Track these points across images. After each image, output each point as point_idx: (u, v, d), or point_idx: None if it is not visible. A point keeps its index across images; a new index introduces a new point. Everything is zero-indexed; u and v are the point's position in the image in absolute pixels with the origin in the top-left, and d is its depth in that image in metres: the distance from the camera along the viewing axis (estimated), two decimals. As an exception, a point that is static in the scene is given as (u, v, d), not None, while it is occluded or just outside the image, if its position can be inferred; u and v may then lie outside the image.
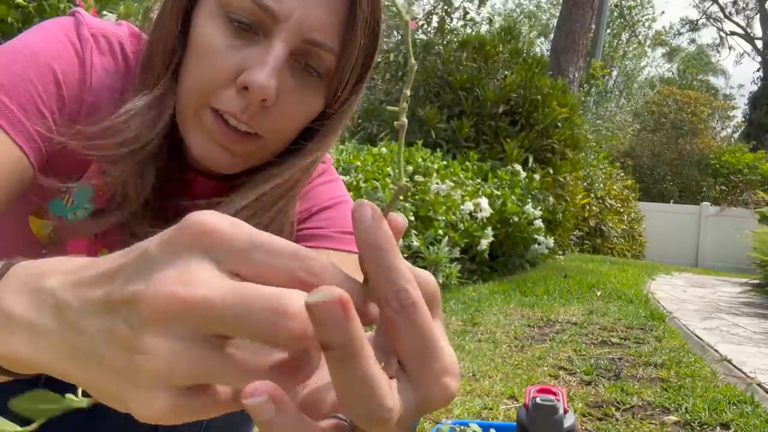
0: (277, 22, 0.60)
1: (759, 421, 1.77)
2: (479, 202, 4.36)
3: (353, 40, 0.63)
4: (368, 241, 0.28)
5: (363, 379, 0.25)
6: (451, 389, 0.29)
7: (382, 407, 0.26)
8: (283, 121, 0.64)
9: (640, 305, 3.87)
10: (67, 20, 0.66)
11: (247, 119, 0.61)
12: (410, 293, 0.28)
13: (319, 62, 0.63)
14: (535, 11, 27.27)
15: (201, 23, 0.62)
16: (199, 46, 0.61)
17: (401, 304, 0.28)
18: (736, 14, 25.54)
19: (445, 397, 0.29)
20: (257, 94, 0.59)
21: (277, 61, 0.59)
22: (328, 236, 0.76)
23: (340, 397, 0.26)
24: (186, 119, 0.64)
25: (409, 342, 0.28)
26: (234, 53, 0.60)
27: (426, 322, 0.28)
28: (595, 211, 8.70)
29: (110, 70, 0.67)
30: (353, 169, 3.53)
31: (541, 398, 1.22)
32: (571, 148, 6.54)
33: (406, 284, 0.28)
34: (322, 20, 0.61)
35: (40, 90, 0.60)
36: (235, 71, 0.60)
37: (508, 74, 6.35)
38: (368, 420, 0.26)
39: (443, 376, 0.29)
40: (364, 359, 0.25)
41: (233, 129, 0.62)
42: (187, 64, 0.63)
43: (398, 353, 0.29)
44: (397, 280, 0.28)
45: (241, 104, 0.61)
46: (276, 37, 0.60)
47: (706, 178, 14.51)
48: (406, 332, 0.28)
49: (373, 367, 0.26)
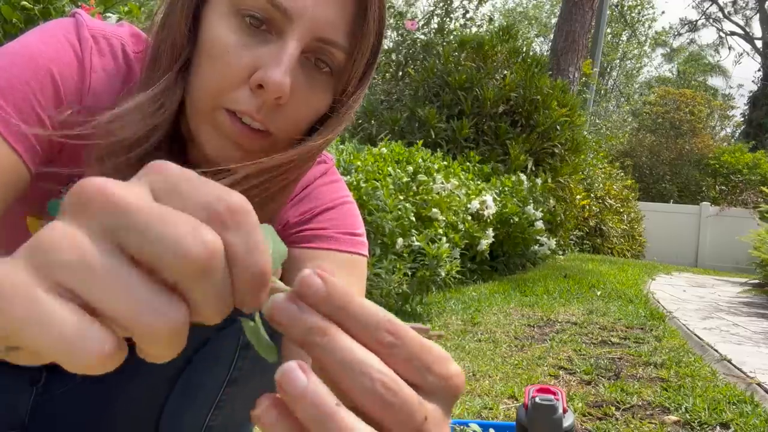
0: (290, 21, 0.60)
1: (759, 420, 1.77)
2: (485, 200, 4.36)
3: (364, 38, 0.64)
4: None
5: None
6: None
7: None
8: (294, 118, 0.65)
9: (640, 305, 3.87)
10: (67, 21, 0.66)
11: (262, 117, 0.62)
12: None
13: (329, 60, 0.64)
14: (534, 11, 27.27)
15: (212, 23, 0.62)
16: (212, 46, 0.61)
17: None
18: (735, 14, 25.56)
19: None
20: (273, 92, 0.60)
21: (291, 59, 0.60)
22: (330, 237, 0.76)
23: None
24: (198, 118, 0.64)
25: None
26: (247, 52, 0.61)
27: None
28: (594, 211, 8.70)
29: (110, 71, 0.67)
30: (353, 169, 3.53)
31: (540, 398, 1.22)
32: (572, 151, 6.54)
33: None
34: (333, 18, 0.62)
35: (37, 92, 0.60)
36: (249, 70, 0.61)
37: (507, 74, 6.35)
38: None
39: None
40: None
41: (247, 127, 0.62)
42: (198, 64, 0.63)
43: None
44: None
45: (256, 103, 0.61)
46: (289, 36, 0.60)
47: (705, 177, 14.50)
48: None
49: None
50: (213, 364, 0.83)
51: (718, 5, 25.62)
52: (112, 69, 0.67)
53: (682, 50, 28.24)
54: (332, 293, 0.27)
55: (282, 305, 0.27)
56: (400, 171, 3.84)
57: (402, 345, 0.27)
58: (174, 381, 0.84)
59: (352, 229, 0.77)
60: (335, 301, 0.27)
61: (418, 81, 6.40)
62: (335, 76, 0.66)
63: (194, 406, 0.84)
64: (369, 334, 0.27)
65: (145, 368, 0.83)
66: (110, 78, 0.66)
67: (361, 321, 0.27)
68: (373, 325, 0.27)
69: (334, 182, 0.82)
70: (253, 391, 0.87)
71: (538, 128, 6.18)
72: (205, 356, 0.83)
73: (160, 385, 0.84)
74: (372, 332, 0.27)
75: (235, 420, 0.88)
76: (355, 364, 0.26)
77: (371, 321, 0.27)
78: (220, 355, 0.82)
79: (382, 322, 0.27)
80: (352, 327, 0.27)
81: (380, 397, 0.26)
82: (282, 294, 0.28)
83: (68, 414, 0.85)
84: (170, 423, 0.85)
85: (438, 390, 0.28)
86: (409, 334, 0.28)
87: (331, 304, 0.27)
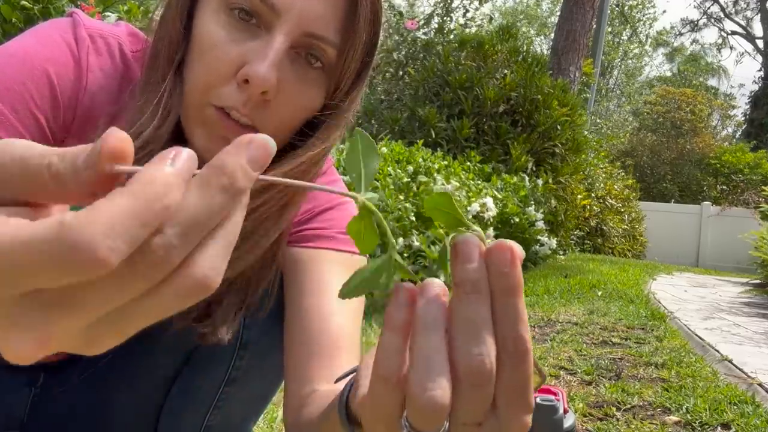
0: (278, 15, 0.60)
1: (760, 421, 1.77)
2: (485, 202, 4.35)
3: (354, 34, 0.63)
4: (502, 285, 0.31)
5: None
6: (528, 426, 0.32)
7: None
8: (282, 113, 0.64)
9: (640, 305, 3.86)
10: (63, 21, 0.66)
11: (248, 112, 0.62)
12: (526, 341, 0.31)
13: (320, 55, 0.64)
14: (533, 9, 27.24)
15: (203, 19, 0.62)
16: (202, 41, 0.61)
17: (516, 349, 0.31)
18: (737, 14, 25.53)
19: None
20: (258, 86, 0.59)
21: (277, 53, 0.60)
22: (330, 237, 0.77)
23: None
24: (189, 116, 0.64)
25: (509, 382, 0.31)
26: (235, 47, 0.60)
27: (529, 370, 0.31)
28: (595, 211, 8.69)
29: (108, 70, 0.66)
30: (353, 169, 3.53)
31: (541, 398, 1.22)
32: (573, 151, 6.53)
33: (525, 332, 0.31)
34: (323, 13, 0.61)
35: (33, 93, 0.60)
36: (237, 65, 0.60)
37: (508, 73, 6.34)
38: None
39: (525, 415, 0.32)
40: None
41: (235, 122, 0.62)
42: (190, 60, 0.63)
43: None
44: (519, 327, 0.31)
45: (242, 97, 0.61)
46: (277, 30, 0.60)
47: (706, 177, 14.48)
48: (510, 374, 0.31)
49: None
50: (211, 363, 0.82)
51: (719, 5, 25.61)
52: (109, 68, 0.67)
53: (682, 50, 28.23)
54: (513, 274, 0.30)
55: (471, 244, 0.30)
56: (400, 171, 3.84)
57: (515, 364, 0.31)
58: (172, 381, 0.83)
59: None
60: (509, 281, 0.30)
61: (419, 80, 6.40)
62: (327, 74, 0.65)
63: (193, 405, 0.84)
64: (506, 329, 0.30)
65: (143, 368, 0.82)
66: (107, 77, 0.66)
67: (510, 315, 0.30)
68: (514, 328, 0.30)
69: (333, 182, 0.82)
70: (251, 391, 0.87)
71: (539, 128, 6.17)
72: (203, 356, 0.82)
73: (158, 385, 0.84)
74: (508, 330, 0.30)
75: (234, 420, 0.88)
76: (477, 332, 0.29)
77: (515, 323, 0.30)
78: (218, 354, 0.81)
79: (520, 335, 0.31)
80: (500, 312, 0.30)
81: (470, 370, 0.29)
82: (474, 235, 0.31)
83: (66, 414, 0.84)
84: (169, 423, 0.85)
85: (501, 425, 0.31)
86: (528, 362, 0.31)
87: (504, 280, 0.30)
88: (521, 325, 0.31)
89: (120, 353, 0.82)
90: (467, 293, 0.30)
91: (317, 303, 0.72)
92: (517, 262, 0.30)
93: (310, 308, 0.72)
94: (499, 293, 0.31)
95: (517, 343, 0.31)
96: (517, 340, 0.31)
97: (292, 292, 0.75)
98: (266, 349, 0.82)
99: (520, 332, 0.31)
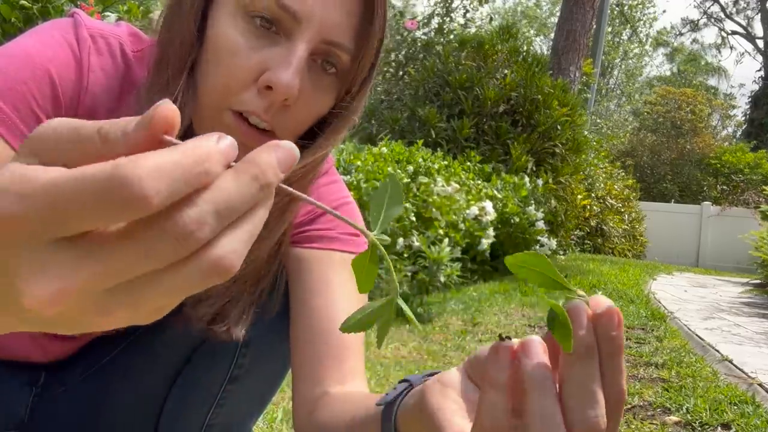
0: (299, 23, 0.61)
1: (760, 421, 1.77)
2: (484, 206, 4.35)
3: (369, 40, 0.65)
4: (610, 347, 0.35)
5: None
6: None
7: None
8: (299, 119, 0.66)
9: (641, 305, 3.87)
10: (65, 21, 0.66)
11: (269, 118, 0.63)
12: (625, 392, 0.35)
13: (336, 62, 0.65)
14: (533, 9, 27.24)
15: (220, 23, 0.62)
16: (218, 46, 0.62)
17: (617, 400, 0.35)
18: (737, 14, 25.53)
19: None
20: (282, 94, 0.60)
21: (300, 61, 0.61)
22: (334, 238, 0.77)
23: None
24: (203, 118, 0.65)
25: (609, 429, 0.35)
26: (255, 54, 0.61)
27: (621, 413, 0.35)
28: (595, 211, 8.69)
29: (109, 70, 0.67)
30: (354, 169, 3.53)
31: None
32: (573, 151, 6.53)
33: (625, 384, 0.35)
34: (340, 21, 0.62)
35: (35, 92, 0.60)
36: (257, 71, 0.61)
37: (508, 73, 6.34)
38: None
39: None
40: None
41: (254, 128, 0.63)
42: (204, 63, 0.63)
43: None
44: (621, 381, 0.35)
45: (263, 104, 0.62)
46: (298, 38, 0.61)
47: (706, 177, 14.48)
48: (611, 424, 0.35)
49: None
50: (213, 361, 0.83)
51: (719, 5, 25.60)
52: (110, 68, 0.67)
53: (682, 50, 28.22)
54: (620, 336, 0.33)
55: (582, 310, 0.35)
56: (400, 171, 3.84)
57: (614, 411, 0.35)
58: (174, 379, 0.83)
59: (354, 230, 0.78)
60: (616, 343, 0.34)
61: (419, 80, 6.40)
62: (340, 78, 0.67)
63: (195, 404, 0.84)
64: (612, 385, 0.34)
65: (144, 367, 0.83)
66: (109, 77, 0.66)
67: (616, 373, 0.34)
68: (618, 383, 0.34)
69: (334, 182, 0.82)
70: (253, 389, 0.87)
71: (539, 128, 6.17)
72: (204, 354, 0.82)
73: (159, 384, 0.84)
74: (614, 386, 0.34)
75: (235, 418, 0.88)
76: (593, 395, 0.33)
77: (619, 378, 0.34)
78: (220, 352, 0.82)
79: (622, 388, 0.34)
80: (608, 371, 0.34)
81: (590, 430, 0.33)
82: (582, 301, 0.35)
83: (67, 414, 0.84)
84: (170, 422, 0.85)
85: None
86: (622, 407, 0.35)
87: (612, 343, 0.34)
88: (623, 379, 0.35)
89: (121, 352, 0.82)
90: (581, 358, 0.34)
91: (324, 303, 0.73)
92: (621, 324, 0.34)
93: (318, 308, 0.73)
94: (607, 355, 0.34)
95: (619, 396, 0.34)
96: (619, 393, 0.34)
97: (298, 291, 0.75)
98: (268, 348, 0.82)
99: (622, 386, 0.35)
